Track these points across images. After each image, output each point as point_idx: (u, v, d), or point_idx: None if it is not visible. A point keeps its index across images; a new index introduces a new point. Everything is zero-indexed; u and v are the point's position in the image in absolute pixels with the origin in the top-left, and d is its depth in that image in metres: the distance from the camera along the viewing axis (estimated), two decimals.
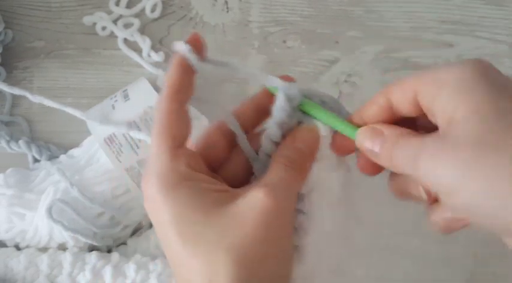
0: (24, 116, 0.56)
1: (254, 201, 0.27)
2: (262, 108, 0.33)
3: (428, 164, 0.27)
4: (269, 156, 0.31)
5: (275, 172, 0.29)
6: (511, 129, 0.25)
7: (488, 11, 0.60)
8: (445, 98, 0.27)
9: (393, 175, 0.32)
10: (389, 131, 0.29)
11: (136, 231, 0.53)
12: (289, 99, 0.30)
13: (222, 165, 0.33)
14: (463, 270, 0.40)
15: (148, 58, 0.57)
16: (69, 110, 0.51)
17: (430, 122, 0.29)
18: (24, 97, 0.51)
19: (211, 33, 0.58)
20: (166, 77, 0.31)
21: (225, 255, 0.26)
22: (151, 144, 0.31)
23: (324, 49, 0.59)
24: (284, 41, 0.59)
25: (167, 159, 0.29)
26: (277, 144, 0.31)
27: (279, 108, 0.30)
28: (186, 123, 0.31)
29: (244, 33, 0.58)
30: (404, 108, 0.30)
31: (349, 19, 0.59)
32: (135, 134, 0.48)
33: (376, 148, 0.29)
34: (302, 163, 0.30)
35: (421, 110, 0.29)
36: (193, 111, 0.54)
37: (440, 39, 0.59)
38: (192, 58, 0.30)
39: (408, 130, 0.29)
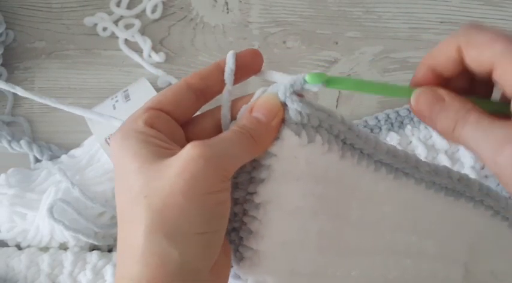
0: (26, 116, 0.57)
1: (181, 152, 0.27)
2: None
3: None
4: None
5: (221, 134, 0.29)
6: None
7: (487, 11, 0.60)
8: None
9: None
10: (457, 103, 0.29)
11: None
12: (284, 87, 0.30)
13: (192, 122, 0.32)
14: (459, 265, 0.40)
15: (148, 58, 0.57)
16: (61, 107, 0.51)
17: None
18: (25, 97, 0.51)
19: (212, 34, 0.58)
20: None
21: (143, 201, 0.27)
22: None
23: (323, 50, 0.59)
24: (284, 42, 0.59)
25: (133, 116, 0.30)
26: None
27: (268, 90, 0.31)
28: (183, 103, 0.31)
29: (244, 34, 0.59)
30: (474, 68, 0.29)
31: (348, 20, 0.59)
32: None
33: (436, 116, 0.29)
34: (255, 130, 0.29)
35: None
36: None
37: (439, 39, 0.59)
38: (229, 65, 0.31)
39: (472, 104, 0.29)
